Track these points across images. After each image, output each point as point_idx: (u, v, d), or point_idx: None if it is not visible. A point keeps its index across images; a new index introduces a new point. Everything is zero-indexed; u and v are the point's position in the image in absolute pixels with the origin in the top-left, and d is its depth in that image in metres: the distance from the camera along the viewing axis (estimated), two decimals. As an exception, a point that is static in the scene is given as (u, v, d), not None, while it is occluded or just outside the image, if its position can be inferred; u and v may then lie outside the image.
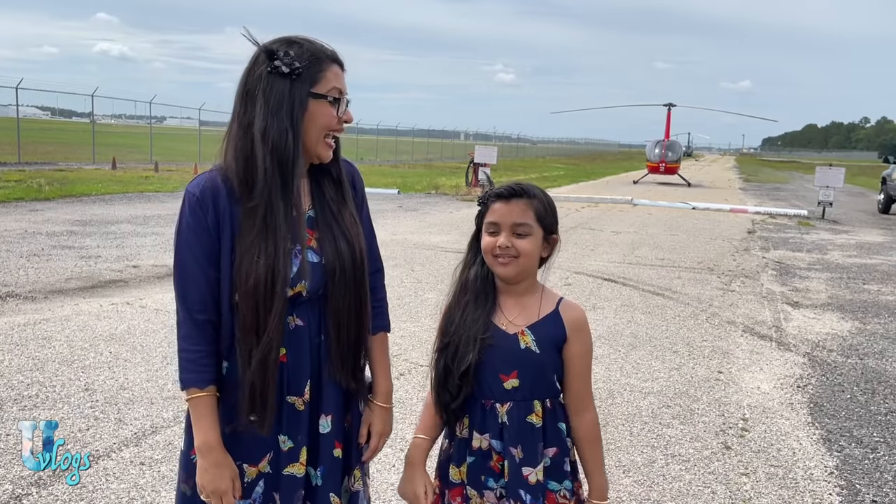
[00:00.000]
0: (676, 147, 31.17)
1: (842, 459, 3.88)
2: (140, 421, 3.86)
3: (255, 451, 1.71)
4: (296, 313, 1.69)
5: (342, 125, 1.70)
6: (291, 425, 1.71)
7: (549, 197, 1.81)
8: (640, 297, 7.60)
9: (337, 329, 1.73)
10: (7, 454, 3.40)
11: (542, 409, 1.74)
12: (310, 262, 1.67)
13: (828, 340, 6.25)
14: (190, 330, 1.65)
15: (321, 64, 1.65)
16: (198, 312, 1.64)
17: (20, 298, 6.29)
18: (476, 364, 1.71)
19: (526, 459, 1.72)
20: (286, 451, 1.71)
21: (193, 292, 1.64)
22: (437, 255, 9.49)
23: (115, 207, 13.15)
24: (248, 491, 1.71)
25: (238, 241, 1.62)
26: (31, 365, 4.62)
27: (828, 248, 12.06)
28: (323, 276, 1.68)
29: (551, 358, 1.74)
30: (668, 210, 17.86)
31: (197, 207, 1.62)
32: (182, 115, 43.62)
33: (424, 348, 5.29)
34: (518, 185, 1.76)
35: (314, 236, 1.71)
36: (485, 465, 1.75)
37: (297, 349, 1.69)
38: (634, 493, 3.38)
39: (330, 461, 1.74)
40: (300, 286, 1.66)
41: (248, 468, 1.71)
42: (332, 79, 1.66)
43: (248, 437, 1.69)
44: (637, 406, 4.48)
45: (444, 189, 20.88)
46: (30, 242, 8.98)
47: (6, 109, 32.19)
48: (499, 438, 1.73)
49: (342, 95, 1.68)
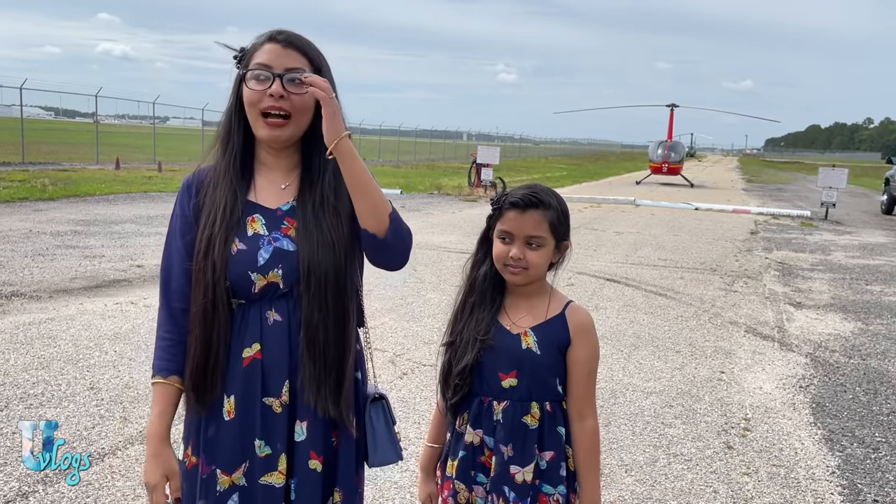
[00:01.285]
0: (679, 148, 31.17)
1: (844, 459, 3.89)
2: (145, 419, 3.88)
3: (230, 458, 1.63)
4: (274, 307, 1.62)
5: (272, 99, 1.59)
6: (268, 429, 1.62)
7: (564, 204, 1.79)
8: (642, 297, 7.62)
9: (309, 343, 1.61)
10: (13, 452, 3.43)
11: (539, 412, 1.74)
12: (283, 249, 1.62)
13: (830, 341, 6.26)
14: (164, 317, 1.68)
15: (255, 46, 1.64)
16: (174, 301, 1.67)
17: (25, 298, 6.32)
18: (473, 364, 1.73)
19: (516, 458, 1.72)
20: (263, 457, 1.63)
21: (172, 281, 1.68)
22: (440, 256, 9.51)
23: (119, 207, 13.19)
24: (219, 502, 1.64)
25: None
26: (37, 364, 4.65)
27: (831, 249, 12.05)
28: (297, 267, 1.61)
29: (552, 360, 1.74)
30: (671, 210, 17.86)
31: (182, 195, 1.71)
32: (185, 116, 43.73)
33: (427, 348, 5.31)
34: (534, 194, 1.72)
35: (293, 225, 1.65)
36: (475, 459, 1.77)
37: (273, 346, 1.62)
38: (636, 491, 3.40)
39: (304, 472, 1.64)
40: (273, 274, 1.61)
41: (221, 476, 1.63)
42: (259, 56, 1.61)
43: (224, 441, 1.63)
44: (639, 406, 4.50)
45: (446, 189, 20.90)
46: (34, 242, 9.02)
47: (9, 110, 32.29)
48: (491, 435, 1.75)
49: (266, 69, 1.59)
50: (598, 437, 1.80)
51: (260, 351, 1.62)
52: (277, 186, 1.69)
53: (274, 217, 1.66)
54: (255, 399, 1.62)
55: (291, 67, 1.60)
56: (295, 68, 1.60)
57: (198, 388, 1.64)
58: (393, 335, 5.67)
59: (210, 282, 1.60)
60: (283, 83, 1.59)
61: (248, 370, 1.62)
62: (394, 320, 6.10)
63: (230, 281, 1.61)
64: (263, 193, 1.69)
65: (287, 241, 1.63)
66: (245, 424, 1.63)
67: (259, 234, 1.64)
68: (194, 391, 1.64)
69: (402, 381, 4.68)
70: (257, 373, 1.62)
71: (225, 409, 1.64)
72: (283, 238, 1.63)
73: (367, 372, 1.80)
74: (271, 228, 1.64)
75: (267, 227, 1.65)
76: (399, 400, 4.29)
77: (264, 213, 1.67)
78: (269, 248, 1.62)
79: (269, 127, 1.62)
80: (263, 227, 1.65)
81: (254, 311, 1.63)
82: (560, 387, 1.76)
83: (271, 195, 1.69)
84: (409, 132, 51.30)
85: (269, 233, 1.64)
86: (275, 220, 1.66)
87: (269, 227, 1.65)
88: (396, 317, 6.23)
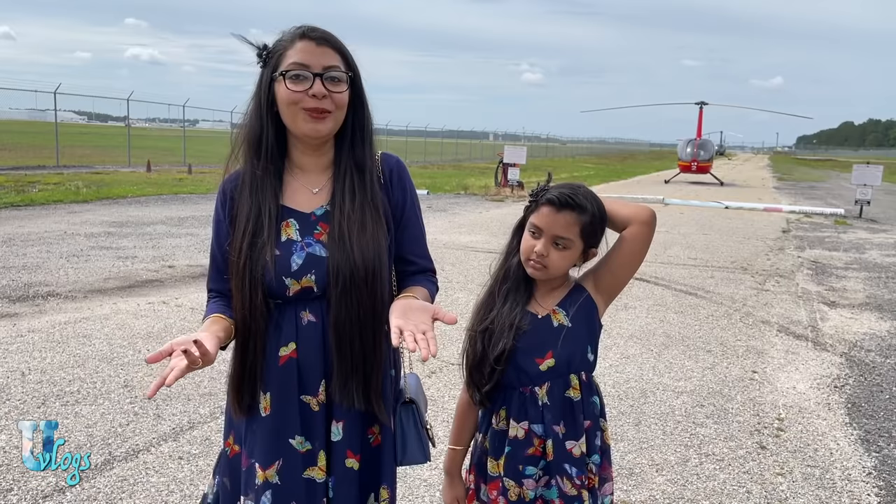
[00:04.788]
0: (709, 146, 30.81)
1: (880, 460, 3.82)
2: (178, 417, 3.94)
3: (266, 453, 1.65)
4: (308, 308, 1.65)
5: (315, 100, 1.60)
6: (307, 426, 1.65)
7: (602, 209, 1.76)
8: (672, 296, 7.54)
9: (338, 340, 1.62)
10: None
11: (578, 383, 1.77)
12: (316, 255, 1.64)
13: (865, 340, 6.14)
14: (208, 301, 1.76)
15: (285, 44, 1.64)
16: (211, 290, 1.76)
17: (61, 298, 6.45)
18: (510, 350, 1.74)
19: (569, 434, 1.74)
20: (304, 452, 1.65)
21: (211, 270, 1.76)
22: (467, 255, 9.51)
23: (151, 209, 13.39)
24: (257, 496, 1.66)
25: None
26: (73, 362, 4.74)
27: (865, 248, 11.82)
28: (328, 273, 1.63)
29: (584, 329, 1.78)
30: (701, 209, 17.65)
31: (218, 199, 1.74)
32: (214, 119, 44.23)
33: (455, 347, 5.30)
34: (573, 195, 1.72)
35: (326, 230, 1.66)
36: (523, 453, 1.76)
37: (308, 346, 1.65)
38: (668, 491, 3.36)
39: (341, 471, 1.67)
40: (306, 280, 1.62)
41: (259, 470, 1.66)
42: (293, 55, 1.61)
43: (261, 436, 1.66)
44: (670, 405, 4.45)
45: (473, 189, 20.89)
46: (69, 243, 9.19)
47: (44, 114, 32.93)
48: (540, 422, 1.75)
49: (304, 69, 1.60)
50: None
51: (295, 350, 1.64)
52: (310, 190, 1.71)
53: (308, 222, 1.68)
54: (292, 396, 1.64)
55: (329, 66, 1.62)
56: (332, 66, 1.62)
57: (238, 391, 1.67)
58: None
59: (248, 295, 1.62)
60: (323, 82, 1.60)
61: (284, 368, 1.65)
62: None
63: (266, 285, 1.62)
64: (297, 197, 1.70)
65: (319, 246, 1.65)
66: (281, 421, 1.65)
67: (292, 239, 1.65)
68: (234, 393, 1.68)
69: (431, 380, 4.69)
70: (293, 371, 1.64)
71: (262, 406, 1.66)
72: (315, 244, 1.65)
73: (402, 370, 1.82)
74: (304, 234, 1.66)
75: (300, 232, 1.66)
76: (428, 399, 4.30)
77: (298, 217, 1.68)
78: (301, 254, 1.63)
79: (312, 120, 1.62)
80: (297, 233, 1.66)
81: (289, 311, 1.65)
82: (591, 355, 1.79)
83: (304, 199, 1.70)
84: (436, 133, 51.35)
85: (302, 238, 1.66)
86: (308, 225, 1.67)
87: (302, 232, 1.66)
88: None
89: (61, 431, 3.61)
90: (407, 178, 1.80)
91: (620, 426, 4.10)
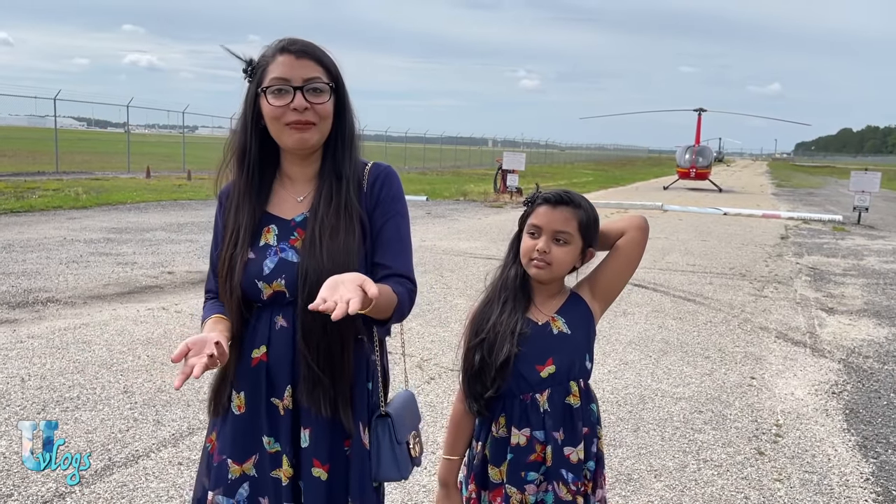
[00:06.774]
0: (707, 152, 30.89)
1: (878, 466, 3.83)
2: (177, 422, 3.95)
3: (241, 449, 1.70)
4: (282, 314, 1.67)
5: (297, 113, 1.62)
6: (275, 428, 1.69)
7: (595, 211, 1.84)
8: (670, 302, 7.56)
9: (306, 345, 1.63)
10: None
11: (578, 390, 1.80)
12: (288, 260, 1.66)
13: (864, 347, 6.16)
14: (205, 301, 1.83)
15: (267, 59, 1.66)
16: (208, 291, 1.83)
17: (61, 304, 6.46)
18: (514, 356, 1.75)
19: (567, 440, 1.76)
20: (272, 453, 1.69)
21: (210, 273, 1.82)
22: (466, 262, 9.53)
23: (150, 215, 13.40)
24: (231, 490, 1.70)
25: None
26: (73, 368, 4.75)
27: (864, 254, 11.85)
28: (298, 278, 1.64)
29: (583, 336, 1.81)
30: (699, 215, 17.70)
31: (218, 207, 1.80)
32: (213, 125, 44.26)
33: (454, 353, 5.31)
34: (566, 192, 1.80)
35: (301, 237, 1.68)
36: (525, 459, 1.77)
37: (278, 350, 1.67)
38: (666, 497, 3.37)
39: (309, 479, 1.67)
40: (277, 284, 1.65)
41: (233, 465, 1.70)
42: (274, 69, 1.63)
43: (235, 433, 1.70)
44: (669, 411, 4.46)
45: (472, 195, 20.91)
46: (69, 249, 9.20)
47: (44, 120, 32.97)
48: (541, 428, 1.76)
49: (285, 83, 1.62)
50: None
51: (266, 353, 1.68)
52: (295, 198, 1.74)
53: (287, 228, 1.71)
54: (261, 398, 1.69)
55: (309, 78, 1.63)
56: (313, 78, 1.63)
57: (218, 392, 1.75)
58: (420, 340, 5.70)
59: (227, 298, 1.70)
60: (304, 95, 1.62)
61: (255, 370, 1.69)
62: (421, 325, 6.13)
63: (242, 289, 1.68)
64: (282, 205, 1.74)
65: (292, 252, 1.67)
66: (253, 420, 1.70)
67: (269, 244, 1.69)
68: (214, 394, 1.76)
69: (430, 386, 4.70)
70: (262, 373, 1.68)
71: (235, 404, 1.72)
72: (289, 249, 1.68)
73: (379, 384, 1.79)
74: (281, 239, 1.70)
75: (278, 237, 1.70)
76: (426, 405, 4.31)
77: (279, 223, 1.72)
78: (274, 259, 1.67)
79: (296, 132, 1.64)
80: (275, 238, 1.70)
81: (265, 315, 1.69)
82: (589, 363, 1.83)
83: (289, 206, 1.74)
84: (435, 139, 51.39)
85: (277, 243, 1.69)
86: (286, 231, 1.70)
87: (279, 237, 1.70)
88: (423, 322, 6.25)
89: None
90: (392, 188, 1.76)
91: (619, 432, 4.11)
